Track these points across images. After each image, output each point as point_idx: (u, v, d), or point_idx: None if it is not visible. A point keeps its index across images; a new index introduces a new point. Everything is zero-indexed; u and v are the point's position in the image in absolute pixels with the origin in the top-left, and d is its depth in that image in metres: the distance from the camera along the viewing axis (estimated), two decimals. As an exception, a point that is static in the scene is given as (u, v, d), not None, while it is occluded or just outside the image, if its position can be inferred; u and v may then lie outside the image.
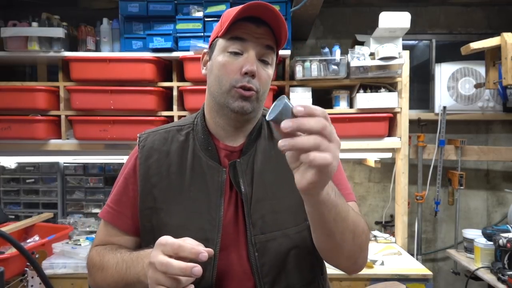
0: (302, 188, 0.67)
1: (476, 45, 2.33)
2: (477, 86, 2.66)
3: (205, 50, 1.01)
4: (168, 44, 2.24)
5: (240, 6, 0.86)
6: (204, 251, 0.73)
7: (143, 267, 0.80)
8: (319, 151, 0.61)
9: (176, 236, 0.78)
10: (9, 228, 2.20)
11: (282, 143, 0.62)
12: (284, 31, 0.91)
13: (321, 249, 0.87)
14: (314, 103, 2.36)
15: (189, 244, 0.74)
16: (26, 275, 1.96)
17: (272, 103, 0.67)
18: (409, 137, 2.55)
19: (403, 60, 2.31)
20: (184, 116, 1.43)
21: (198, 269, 0.71)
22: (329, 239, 0.80)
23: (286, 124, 0.61)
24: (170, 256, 0.72)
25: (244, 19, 0.89)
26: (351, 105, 2.45)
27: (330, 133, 0.63)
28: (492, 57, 2.42)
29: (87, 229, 2.48)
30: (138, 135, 1.02)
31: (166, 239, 0.74)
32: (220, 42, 0.92)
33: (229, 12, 0.91)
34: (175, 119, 2.35)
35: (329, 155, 0.61)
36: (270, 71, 0.94)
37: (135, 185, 0.96)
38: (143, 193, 0.94)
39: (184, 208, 0.92)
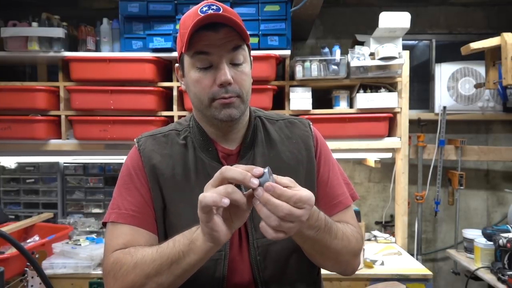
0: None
1: (476, 45, 2.33)
2: (477, 86, 2.66)
3: (177, 65, 0.98)
4: (168, 44, 2.24)
5: (194, 19, 0.83)
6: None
7: (197, 229, 0.77)
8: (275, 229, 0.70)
9: None
10: (9, 228, 2.19)
11: (254, 202, 0.72)
12: (243, 26, 0.87)
13: (312, 260, 0.95)
14: (314, 103, 2.36)
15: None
16: (26, 275, 1.96)
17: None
18: (409, 137, 2.55)
19: (403, 60, 2.31)
20: (184, 116, 1.42)
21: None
22: (311, 257, 0.91)
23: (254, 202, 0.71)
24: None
25: (202, 27, 0.84)
26: (351, 105, 2.45)
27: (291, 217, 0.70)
28: (492, 57, 2.42)
29: (87, 229, 2.48)
30: (135, 139, 1.00)
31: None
32: (186, 58, 0.90)
33: (185, 23, 0.88)
34: (175, 119, 2.35)
35: (271, 232, 0.71)
36: (246, 68, 0.91)
37: (147, 185, 0.93)
38: (155, 193, 0.93)
39: (192, 209, 0.90)
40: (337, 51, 2.34)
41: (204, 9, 0.85)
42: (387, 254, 2.30)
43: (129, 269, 0.82)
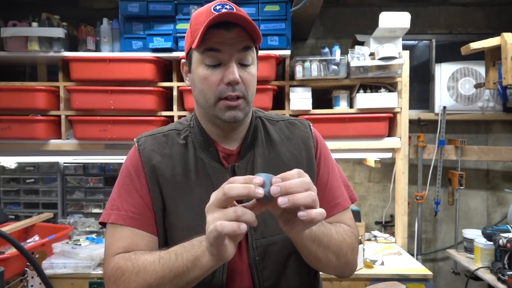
0: (290, 234, 0.75)
1: (476, 45, 2.33)
2: (477, 86, 2.66)
3: (183, 61, 0.98)
4: (168, 44, 2.24)
5: (208, 16, 0.84)
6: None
7: (201, 244, 0.76)
8: (315, 208, 0.69)
9: (185, 237, 0.80)
10: (9, 228, 2.19)
11: (281, 200, 0.67)
12: (256, 27, 0.87)
13: (309, 264, 0.92)
14: (314, 103, 2.36)
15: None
16: (26, 275, 1.96)
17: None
18: (409, 137, 2.56)
19: (403, 60, 2.31)
20: (184, 116, 1.42)
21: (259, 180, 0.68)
22: (314, 261, 0.88)
23: (282, 200, 0.67)
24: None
25: (214, 25, 0.85)
26: (351, 105, 2.45)
27: (313, 187, 0.70)
28: (492, 57, 2.42)
29: (87, 229, 2.48)
30: (135, 139, 0.99)
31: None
32: (195, 55, 0.90)
33: (197, 20, 0.88)
34: (175, 119, 2.35)
35: (321, 210, 0.69)
36: (253, 70, 0.92)
37: (146, 186, 0.93)
38: (154, 194, 0.93)
39: (192, 209, 0.91)
40: (337, 51, 2.34)
41: (218, 7, 0.86)
42: (387, 254, 2.30)
43: (131, 277, 0.82)
